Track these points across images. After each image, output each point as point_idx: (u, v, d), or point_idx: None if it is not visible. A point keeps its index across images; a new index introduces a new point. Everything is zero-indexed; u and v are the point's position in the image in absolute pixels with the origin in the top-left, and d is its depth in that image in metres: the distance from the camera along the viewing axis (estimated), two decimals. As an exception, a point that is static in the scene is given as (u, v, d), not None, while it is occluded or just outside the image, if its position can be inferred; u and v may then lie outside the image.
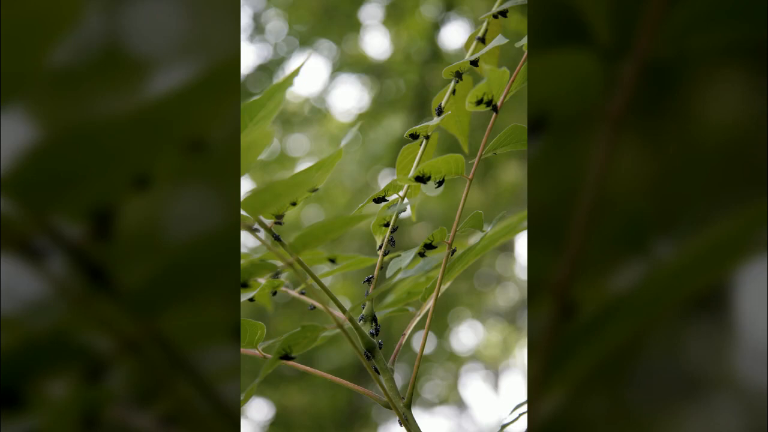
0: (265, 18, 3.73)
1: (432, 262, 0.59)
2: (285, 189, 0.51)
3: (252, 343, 0.65)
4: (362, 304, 0.65)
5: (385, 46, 3.83)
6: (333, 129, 3.96)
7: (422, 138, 0.68)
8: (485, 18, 0.70)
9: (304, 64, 0.58)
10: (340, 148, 0.57)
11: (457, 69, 0.67)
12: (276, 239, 0.58)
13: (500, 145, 0.62)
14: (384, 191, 0.65)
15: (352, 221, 0.53)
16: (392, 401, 0.61)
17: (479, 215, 0.63)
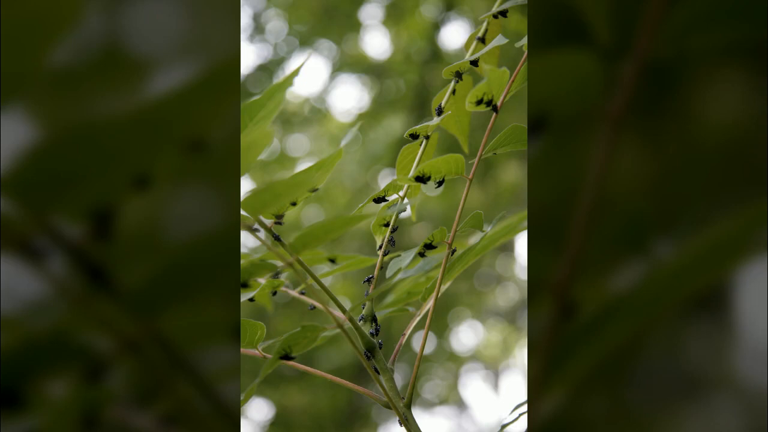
0: (265, 18, 3.72)
1: (432, 262, 0.59)
2: (285, 189, 0.51)
3: (252, 343, 0.65)
4: (362, 304, 0.65)
5: (385, 46, 3.83)
6: (333, 129, 3.95)
7: (422, 138, 0.68)
8: (485, 18, 0.70)
9: (304, 64, 0.58)
10: (341, 148, 0.57)
11: (457, 69, 0.67)
12: (276, 239, 0.58)
13: (500, 145, 0.62)
14: (384, 191, 0.65)
15: (352, 221, 0.52)
16: (392, 401, 0.61)
17: (479, 215, 0.63)
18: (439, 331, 4.07)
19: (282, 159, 3.93)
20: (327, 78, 3.86)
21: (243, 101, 0.55)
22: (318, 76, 5.40)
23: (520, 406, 0.71)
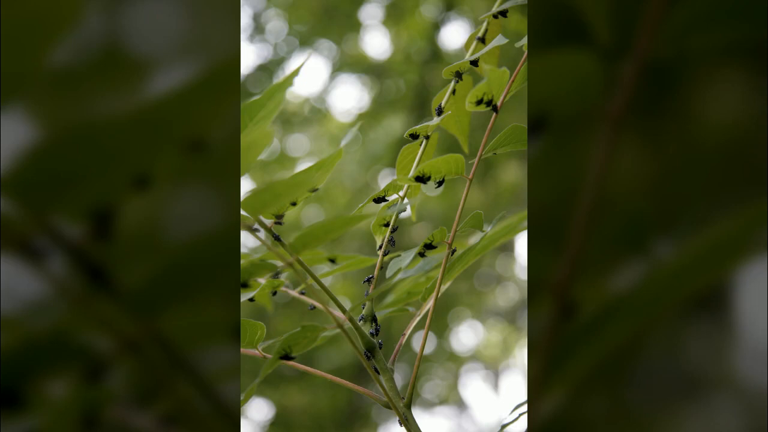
0: (265, 18, 3.73)
1: (432, 262, 0.60)
2: (285, 189, 0.51)
3: (252, 343, 0.65)
4: (362, 304, 0.65)
5: (385, 46, 3.83)
6: (333, 129, 3.96)
7: (422, 138, 0.68)
8: (485, 18, 0.70)
9: (304, 64, 0.58)
10: (340, 148, 0.58)
11: (457, 69, 0.67)
12: (276, 239, 0.58)
13: (500, 145, 0.62)
14: (384, 191, 0.65)
15: (352, 221, 0.53)
16: (392, 401, 0.61)
17: (479, 215, 0.63)
18: (439, 331, 4.07)
19: (282, 159, 3.93)
20: (327, 78, 3.87)
21: (243, 101, 0.55)
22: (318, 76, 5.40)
23: (520, 406, 0.71)
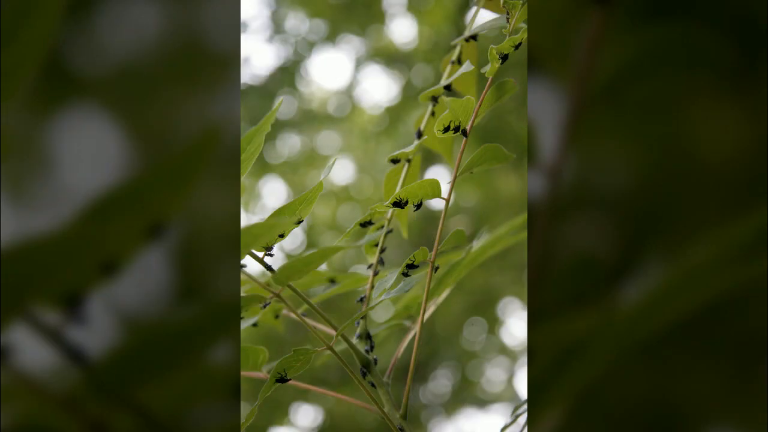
0: (282, 15, 3.79)
1: (412, 282, 0.66)
2: (263, 230, 0.58)
3: (256, 366, 0.73)
4: (356, 321, 0.72)
5: (410, 34, 3.89)
6: (363, 123, 4.02)
7: (404, 162, 0.75)
8: (458, 42, 0.77)
9: (279, 106, 0.65)
10: (320, 181, 0.64)
11: (432, 94, 0.74)
12: (269, 269, 0.65)
13: (475, 164, 0.69)
14: (369, 216, 0.73)
15: (329, 253, 0.60)
16: (387, 415, 0.68)
17: (461, 233, 0.70)
18: (489, 325, 4.12)
19: (312, 158, 3.99)
20: (353, 72, 3.94)
21: (263, 105, 0.60)
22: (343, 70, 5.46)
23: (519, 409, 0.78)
